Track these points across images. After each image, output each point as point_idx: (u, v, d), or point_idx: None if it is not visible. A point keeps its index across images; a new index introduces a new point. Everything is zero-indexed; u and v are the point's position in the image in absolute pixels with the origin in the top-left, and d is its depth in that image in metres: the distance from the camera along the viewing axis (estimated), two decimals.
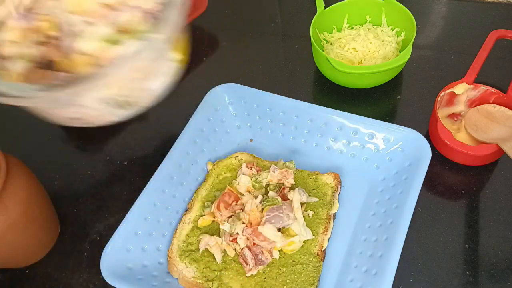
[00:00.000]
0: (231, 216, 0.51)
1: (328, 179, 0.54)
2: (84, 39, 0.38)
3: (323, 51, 0.65)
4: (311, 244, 0.50)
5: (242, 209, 0.51)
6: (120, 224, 0.50)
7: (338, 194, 0.54)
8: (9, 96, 0.37)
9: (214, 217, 0.52)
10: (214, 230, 0.52)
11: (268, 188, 0.53)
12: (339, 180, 0.54)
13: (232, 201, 0.52)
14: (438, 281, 0.49)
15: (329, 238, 0.51)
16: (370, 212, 0.52)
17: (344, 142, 0.57)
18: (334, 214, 0.53)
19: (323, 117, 0.57)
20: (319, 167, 0.56)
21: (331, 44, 0.68)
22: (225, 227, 0.50)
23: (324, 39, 0.68)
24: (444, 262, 0.50)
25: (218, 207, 0.51)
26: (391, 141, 0.54)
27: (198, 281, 0.48)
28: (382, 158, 0.55)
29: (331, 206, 0.52)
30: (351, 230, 0.52)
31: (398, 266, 0.44)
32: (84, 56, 0.38)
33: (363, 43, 0.65)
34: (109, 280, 0.46)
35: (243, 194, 0.53)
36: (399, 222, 0.47)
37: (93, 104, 0.40)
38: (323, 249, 0.50)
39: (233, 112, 0.61)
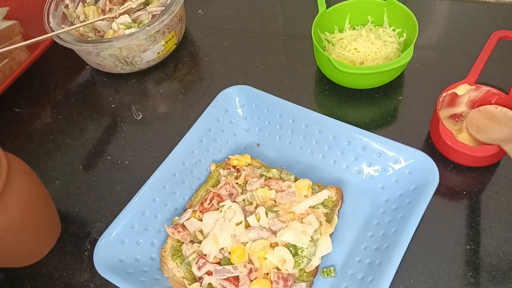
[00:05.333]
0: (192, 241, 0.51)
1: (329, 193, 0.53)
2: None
3: (324, 51, 0.65)
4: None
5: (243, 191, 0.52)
6: (118, 216, 0.51)
7: (339, 209, 0.53)
8: (67, 42, 0.66)
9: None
10: None
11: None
12: (341, 194, 0.53)
13: (211, 202, 0.52)
14: (439, 282, 0.49)
15: (322, 256, 0.49)
16: (369, 233, 0.51)
17: (351, 157, 0.55)
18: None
19: (333, 130, 0.56)
20: (322, 179, 0.55)
21: (332, 44, 0.68)
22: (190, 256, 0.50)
23: (326, 40, 0.68)
24: (445, 263, 0.50)
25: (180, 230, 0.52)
26: (399, 161, 0.52)
27: (187, 281, 0.49)
28: (388, 178, 0.53)
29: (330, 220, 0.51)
30: (346, 250, 0.50)
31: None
32: (111, 31, 0.70)
33: (365, 43, 0.65)
34: (99, 269, 0.47)
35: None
36: (395, 247, 0.46)
37: (108, 57, 0.68)
38: (315, 266, 0.49)
39: (243, 115, 0.61)
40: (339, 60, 0.62)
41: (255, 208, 0.51)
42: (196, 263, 0.48)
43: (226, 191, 0.53)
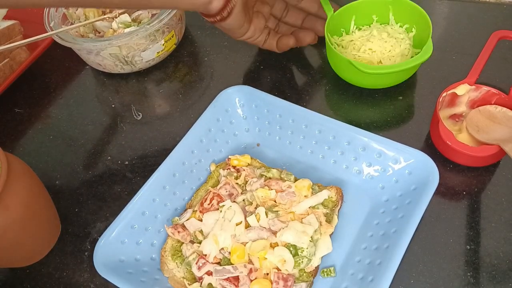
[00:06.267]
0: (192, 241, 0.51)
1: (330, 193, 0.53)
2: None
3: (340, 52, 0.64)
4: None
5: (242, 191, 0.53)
6: (118, 216, 0.51)
7: (339, 209, 0.53)
8: (67, 41, 0.66)
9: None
10: None
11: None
12: (341, 194, 0.53)
13: (211, 202, 0.52)
14: (439, 282, 0.49)
15: (322, 256, 0.49)
16: (369, 233, 0.51)
17: (351, 157, 0.55)
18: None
19: (332, 130, 0.56)
20: (322, 179, 0.55)
21: (343, 47, 0.67)
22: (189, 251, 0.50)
23: (335, 43, 0.68)
24: (445, 263, 0.50)
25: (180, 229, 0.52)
26: (399, 161, 0.52)
27: (187, 281, 0.49)
28: (388, 178, 0.53)
29: (330, 220, 0.51)
30: (346, 250, 0.50)
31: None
32: (111, 30, 0.71)
33: (379, 42, 0.64)
34: (99, 269, 0.47)
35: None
36: (395, 247, 0.45)
37: (108, 57, 0.68)
38: (315, 266, 0.49)
39: (243, 115, 0.61)
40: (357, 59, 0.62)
41: (255, 208, 0.51)
42: (196, 263, 0.48)
43: (226, 191, 0.53)
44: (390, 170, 0.53)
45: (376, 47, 0.64)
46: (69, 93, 0.72)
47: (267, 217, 0.50)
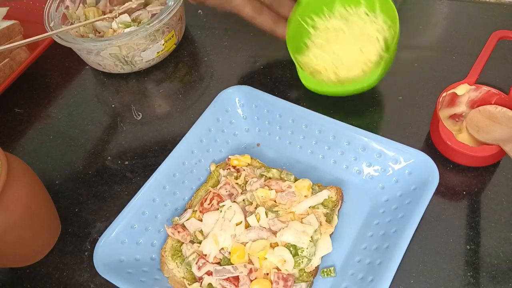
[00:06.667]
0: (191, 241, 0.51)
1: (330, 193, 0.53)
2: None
3: (309, 38, 0.61)
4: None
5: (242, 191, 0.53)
6: (118, 216, 0.51)
7: (339, 209, 0.53)
8: (67, 41, 0.66)
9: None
10: None
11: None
12: (341, 194, 0.53)
13: (211, 202, 0.52)
14: (439, 282, 0.49)
15: (322, 256, 0.49)
16: (369, 233, 0.51)
17: (351, 157, 0.55)
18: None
19: (333, 130, 0.56)
20: (322, 179, 0.55)
21: (319, 29, 0.62)
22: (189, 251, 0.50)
23: (311, 25, 0.62)
24: (445, 263, 0.50)
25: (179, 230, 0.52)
26: (399, 161, 0.52)
27: (187, 281, 0.49)
28: (388, 178, 0.53)
29: (330, 220, 0.51)
30: (346, 250, 0.50)
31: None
32: (111, 30, 0.71)
33: (347, 43, 0.59)
34: (99, 269, 0.47)
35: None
36: (395, 247, 0.45)
37: (108, 57, 0.68)
38: (315, 266, 0.49)
39: (243, 115, 0.61)
40: (316, 60, 0.60)
41: (255, 208, 0.51)
42: (196, 263, 0.48)
43: (226, 191, 0.53)
44: (390, 170, 0.53)
45: (340, 50, 0.59)
46: (69, 93, 0.72)
47: (267, 217, 0.50)
